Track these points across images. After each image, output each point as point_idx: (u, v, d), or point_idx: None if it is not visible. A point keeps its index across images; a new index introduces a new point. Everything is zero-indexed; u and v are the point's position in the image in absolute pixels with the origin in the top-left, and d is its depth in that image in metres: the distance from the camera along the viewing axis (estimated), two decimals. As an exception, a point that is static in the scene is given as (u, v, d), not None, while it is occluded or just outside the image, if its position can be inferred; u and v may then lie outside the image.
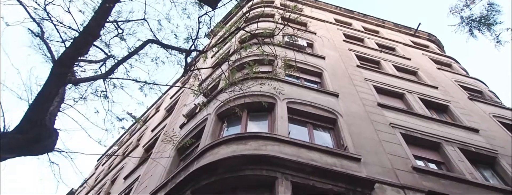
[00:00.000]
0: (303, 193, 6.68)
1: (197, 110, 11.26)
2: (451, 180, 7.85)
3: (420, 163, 8.52)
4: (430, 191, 7.07)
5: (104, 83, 6.74)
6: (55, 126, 4.36)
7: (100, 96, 6.94)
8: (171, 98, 19.13)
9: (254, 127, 9.08)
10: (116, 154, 17.69)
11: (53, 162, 4.96)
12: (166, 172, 9.51)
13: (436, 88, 13.38)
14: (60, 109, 4.67)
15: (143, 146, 15.22)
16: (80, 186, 22.35)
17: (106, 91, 6.87)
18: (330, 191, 6.75)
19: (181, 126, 11.64)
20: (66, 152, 4.81)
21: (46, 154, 4.39)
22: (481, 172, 9.03)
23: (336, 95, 10.57)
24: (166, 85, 7.36)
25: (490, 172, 9.23)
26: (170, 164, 9.86)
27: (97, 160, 26.03)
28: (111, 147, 24.41)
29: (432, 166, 8.78)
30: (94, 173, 20.71)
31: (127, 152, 17.42)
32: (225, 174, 7.02)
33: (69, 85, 5.37)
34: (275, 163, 6.99)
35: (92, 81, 5.88)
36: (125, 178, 13.24)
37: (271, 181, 6.75)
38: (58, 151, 4.54)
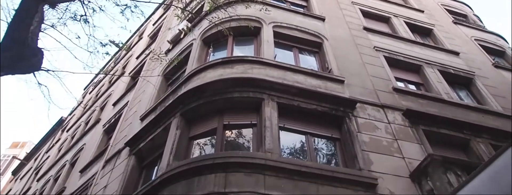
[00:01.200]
0: (289, 113, 6.99)
1: (182, 35, 11.10)
2: (428, 100, 8.29)
3: (400, 84, 8.88)
4: (408, 110, 7.49)
5: (83, 7, 6.49)
6: (39, 46, 4.32)
7: (80, 20, 6.74)
8: (154, 24, 18.61)
9: (240, 51, 9.10)
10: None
11: (41, 84, 5.00)
12: (154, 97, 9.71)
13: (422, 11, 13.35)
14: (41, 29, 4.56)
15: (129, 73, 15.22)
16: (70, 114, 22.75)
17: (85, 15, 6.65)
18: (315, 110, 7.09)
19: (167, 52, 11.55)
20: (53, 71, 4.83)
21: (33, 75, 4.41)
22: (457, 92, 9.53)
23: (323, 19, 10.48)
24: (149, 1, 7.08)
25: (465, 92, 9.74)
26: (158, 90, 10.02)
27: (84, 89, 26.12)
28: (96, 75, 24.33)
29: (412, 87, 9.18)
30: (82, 101, 20.94)
31: (113, 80, 17.45)
32: (213, 96, 7.22)
33: (46, 6, 5.16)
34: (262, 85, 7.18)
35: (70, 2, 5.63)
36: (114, 104, 13.47)
37: (258, 103, 7.00)
38: (45, 70, 4.56)
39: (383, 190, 5.65)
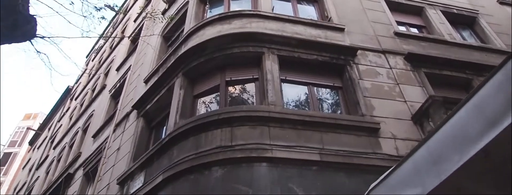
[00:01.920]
0: (290, 65, 6.99)
1: (176, -6, 10.83)
2: (430, 42, 8.18)
3: (402, 29, 8.72)
4: (410, 53, 7.43)
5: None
6: (31, 13, 4.27)
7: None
8: (147, -15, 18.06)
9: (237, 6, 8.90)
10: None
11: (39, 52, 5.01)
12: (156, 59, 9.71)
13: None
14: (31, -4, 4.48)
15: (129, 38, 15.10)
16: (76, 83, 22.95)
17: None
18: (315, 61, 7.07)
19: (163, 13, 11.35)
20: (49, 38, 4.82)
21: (30, 43, 4.42)
22: (460, 32, 9.36)
23: (319, -34, 10.07)
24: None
25: (468, 32, 9.56)
26: (158, 51, 10.00)
27: (86, 56, 26.09)
28: (97, 41, 24.17)
29: (414, 30, 9.02)
30: (86, 69, 21.03)
31: (113, 45, 17.35)
32: (214, 53, 7.20)
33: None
34: (261, 39, 7.12)
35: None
36: (117, 69, 13.53)
37: (258, 57, 6.99)
38: (40, 37, 4.55)
39: (386, 134, 5.79)
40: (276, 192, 4.78)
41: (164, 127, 7.61)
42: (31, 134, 27.48)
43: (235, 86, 7.13)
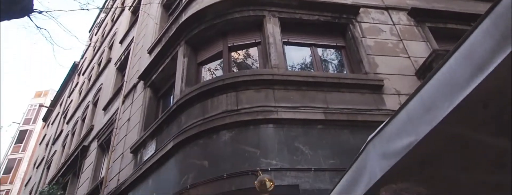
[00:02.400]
0: (292, 27, 6.93)
1: (172, -40, 10.54)
2: (434, -5, 7.98)
3: (405, -17, 8.47)
4: (413, 8, 7.29)
5: None
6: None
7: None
8: (142, -47, 17.55)
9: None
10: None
11: (40, 27, 5.05)
12: (158, 29, 9.67)
13: None
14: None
15: (129, 9, 14.93)
16: (81, 58, 23.05)
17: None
18: (317, 21, 6.99)
19: (160, -19, 11.12)
20: (47, 12, 4.84)
21: (29, 18, 4.44)
22: (466, -16, 9.06)
23: None
24: None
25: (474, -17, 9.25)
26: (159, 21, 9.94)
27: (89, 31, 25.98)
28: (98, 15, 23.96)
29: (418, -16, 8.75)
30: (89, 43, 21.03)
31: (115, 18, 17.21)
32: (214, 20, 7.15)
33: None
34: (261, 2, 7.01)
35: None
36: (121, 42, 13.52)
37: (259, 20, 6.93)
38: (38, 12, 4.56)
39: (389, 90, 5.83)
40: (283, 152, 4.94)
41: (171, 96, 7.73)
42: (43, 111, 28.07)
43: (238, 52, 7.14)
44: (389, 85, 5.89)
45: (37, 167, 20.05)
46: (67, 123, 16.92)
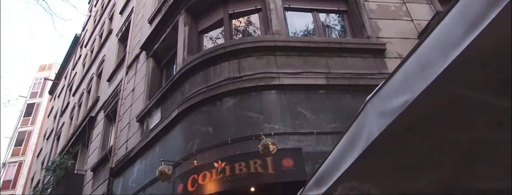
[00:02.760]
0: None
1: None
2: (440, -45, 7.72)
3: None
4: (417, -31, 7.08)
5: None
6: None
7: None
8: None
9: None
10: None
11: (38, -2, 5.00)
12: (157, -2, 9.54)
13: None
14: None
15: (127, -22, 14.61)
16: (83, 30, 22.87)
17: None
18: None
19: None
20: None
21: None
22: None
23: None
24: None
25: None
26: (158, -11, 9.77)
27: (88, 3, 25.58)
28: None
29: None
30: (89, 15, 20.78)
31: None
32: (214, -14, 7.03)
33: None
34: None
35: None
36: (121, 12, 13.36)
37: (260, -14, 6.79)
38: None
39: (392, 54, 5.81)
40: (285, 117, 5.03)
41: (174, 65, 7.77)
42: (49, 84, 28.29)
43: (239, 19, 7.07)
44: (391, 49, 5.86)
45: (47, 139, 20.52)
46: (73, 95, 17.10)
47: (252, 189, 4.67)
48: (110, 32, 13.97)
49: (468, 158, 2.73)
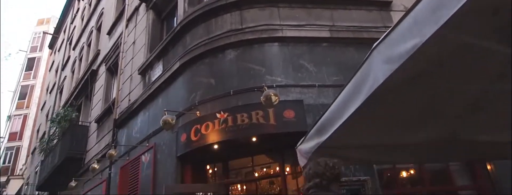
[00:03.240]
0: None
1: None
2: None
3: None
4: None
5: None
6: None
7: None
8: None
9: None
10: None
11: None
12: None
13: None
14: None
15: None
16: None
17: None
18: None
19: None
20: None
21: None
22: None
23: None
24: None
25: None
26: None
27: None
28: None
29: None
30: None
31: None
32: None
33: None
34: None
35: None
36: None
37: None
38: None
39: (398, 7, 5.65)
40: (288, 69, 5.01)
41: (174, 17, 7.60)
42: (48, 38, 27.92)
43: (242, -32, 6.79)
44: (398, 2, 5.69)
45: (50, 92, 20.68)
46: (73, 49, 16.96)
47: (254, 139, 4.78)
48: (107, -17, 13.51)
49: (470, 111, 2.74)
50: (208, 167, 5.72)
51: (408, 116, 2.72)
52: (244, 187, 7.01)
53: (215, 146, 4.95)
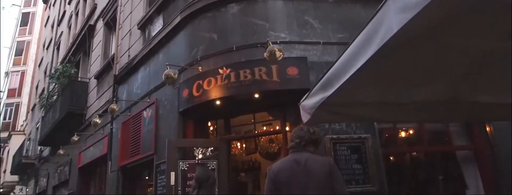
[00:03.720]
0: None
1: None
2: None
3: None
4: None
5: None
6: None
7: None
8: None
9: None
10: None
11: None
12: None
13: None
14: None
15: None
16: None
17: None
18: None
19: None
20: None
21: None
22: None
23: None
24: None
25: None
26: None
27: None
28: None
29: None
30: None
31: None
32: None
33: None
34: None
35: None
36: None
37: None
38: None
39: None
40: (292, 25, 4.89)
41: (175, -30, 7.28)
42: (42, -8, 27.02)
43: None
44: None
45: (46, 49, 20.38)
46: (69, 3, 16.45)
47: (256, 95, 4.76)
48: None
49: (475, 70, 2.70)
50: (209, 123, 5.75)
51: (414, 73, 2.67)
52: (243, 145, 7.14)
53: (217, 102, 4.94)
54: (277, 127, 5.46)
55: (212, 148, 5.24)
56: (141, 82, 6.95)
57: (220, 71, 4.81)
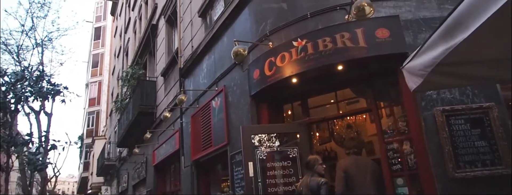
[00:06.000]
0: None
1: None
2: None
3: None
4: None
5: None
6: None
7: None
8: None
9: None
10: None
11: None
12: None
13: None
14: None
15: None
16: None
17: None
18: None
19: None
20: None
21: None
22: None
23: None
24: None
25: None
26: None
27: None
28: None
29: None
30: None
31: None
32: None
33: None
34: None
35: None
36: None
37: None
38: None
39: None
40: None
41: None
42: (109, 5, 28.60)
43: None
44: None
45: (117, 57, 21.36)
46: (132, 10, 16.96)
47: (340, 67, 4.02)
48: None
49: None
50: (284, 107, 5.12)
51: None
52: (317, 134, 6.35)
53: (294, 80, 4.29)
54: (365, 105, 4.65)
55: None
56: (206, 71, 6.55)
57: (295, 43, 4.16)
